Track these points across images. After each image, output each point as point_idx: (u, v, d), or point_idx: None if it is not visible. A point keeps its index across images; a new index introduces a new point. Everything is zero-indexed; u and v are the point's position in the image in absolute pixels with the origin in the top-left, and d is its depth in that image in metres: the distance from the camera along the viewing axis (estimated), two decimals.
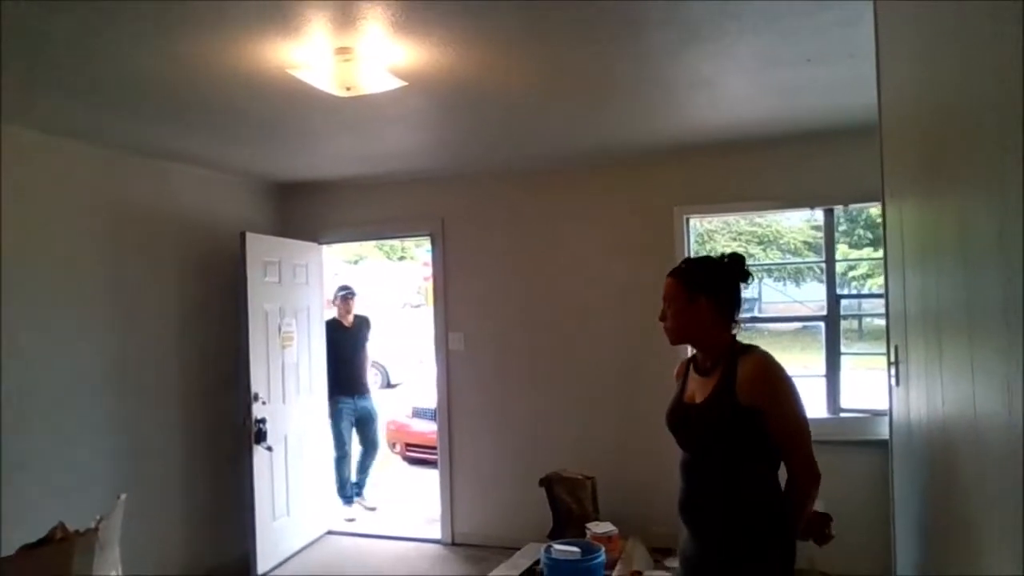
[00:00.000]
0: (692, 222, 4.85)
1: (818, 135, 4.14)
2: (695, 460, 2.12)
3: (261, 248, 4.77)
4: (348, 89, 2.73)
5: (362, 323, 6.19)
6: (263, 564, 4.64)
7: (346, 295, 6.10)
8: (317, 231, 5.47)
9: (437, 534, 5.24)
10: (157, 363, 4.38)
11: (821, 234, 4.66)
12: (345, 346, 5.88)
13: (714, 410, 2.02)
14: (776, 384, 2.01)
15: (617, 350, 4.64)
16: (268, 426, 4.64)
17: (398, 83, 2.81)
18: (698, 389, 2.13)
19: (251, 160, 4.61)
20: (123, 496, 3.25)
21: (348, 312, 6.09)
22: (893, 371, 2.28)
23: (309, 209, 5.51)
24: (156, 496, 4.33)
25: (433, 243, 5.26)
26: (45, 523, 3.04)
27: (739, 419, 1.97)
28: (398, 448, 8.04)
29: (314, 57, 2.68)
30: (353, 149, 4.35)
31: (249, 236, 4.64)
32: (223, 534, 4.77)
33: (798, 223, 12.76)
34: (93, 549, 2.89)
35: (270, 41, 2.55)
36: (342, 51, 2.64)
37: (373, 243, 16.41)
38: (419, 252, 16.29)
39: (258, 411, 4.61)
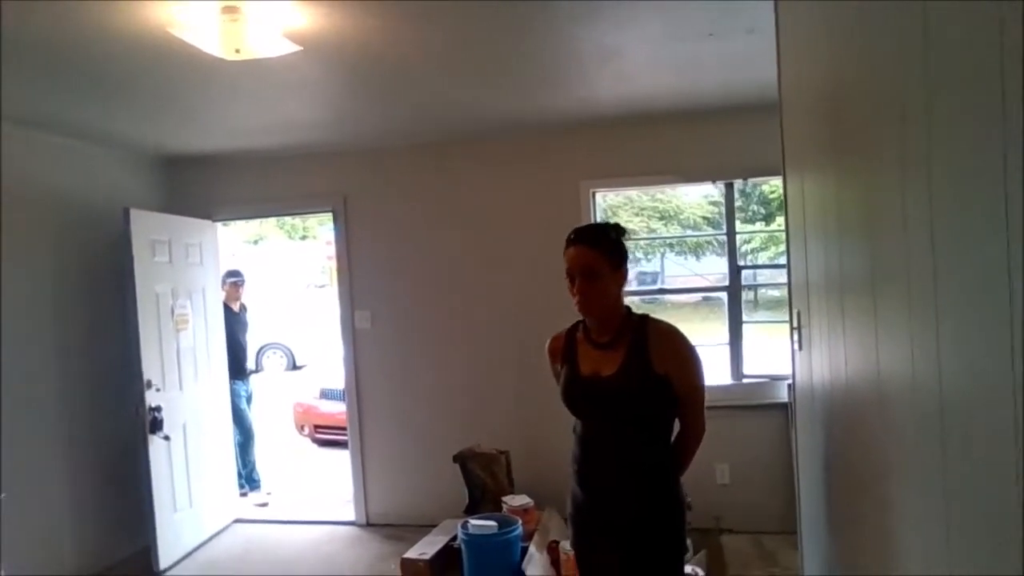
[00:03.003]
0: (598, 197, 4.89)
1: (720, 110, 4.24)
2: (603, 430, 2.13)
3: (148, 226, 4.49)
4: (237, 52, 2.53)
5: (244, 309, 6.05)
6: (166, 558, 4.43)
7: (235, 281, 5.90)
8: (211, 208, 5.19)
9: (351, 516, 5.15)
10: (35, 353, 4.06)
11: (719, 209, 4.81)
12: (235, 330, 5.69)
13: (631, 380, 2.05)
14: (686, 352, 2.13)
15: (523, 324, 4.62)
16: (164, 414, 4.40)
17: (292, 47, 2.66)
18: (600, 361, 2.11)
19: (134, 131, 4.30)
20: (2, 495, 3.03)
21: (237, 298, 5.90)
22: (796, 336, 2.37)
23: (201, 185, 5.21)
24: (41, 494, 4.04)
25: (336, 220, 5.10)
26: None
27: (653, 385, 2.05)
28: (306, 431, 7.85)
29: (198, 16, 2.48)
30: (246, 119, 4.13)
31: (134, 212, 4.35)
32: (121, 529, 4.51)
33: (697, 198, 13.18)
34: None
35: None
36: (229, 10, 2.46)
37: (274, 222, 15.91)
38: (322, 231, 15.85)
39: (152, 399, 4.36)
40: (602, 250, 2.09)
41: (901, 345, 1.27)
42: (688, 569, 3.46)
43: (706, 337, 5.66)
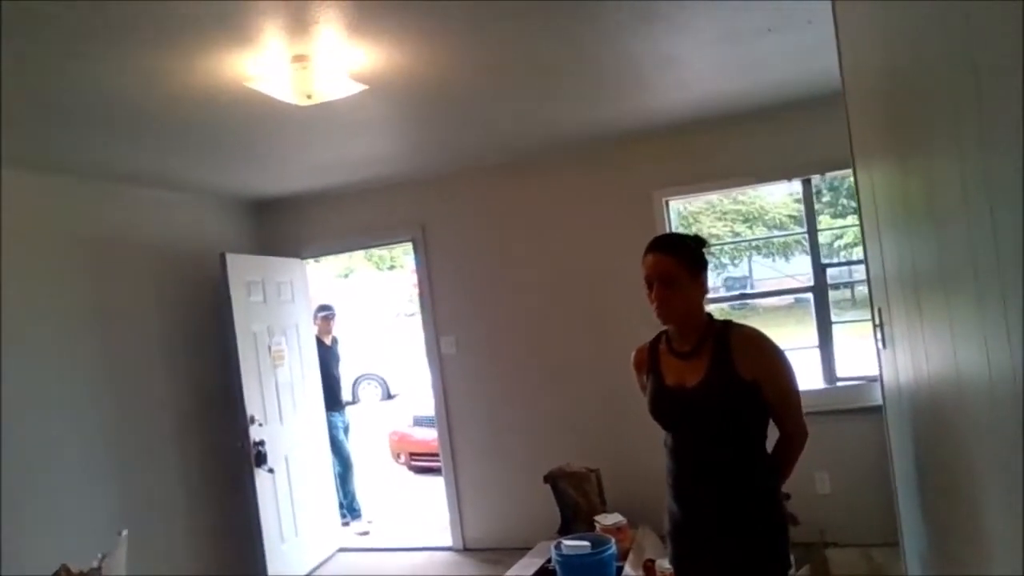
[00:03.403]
0: (673, 204, 4.84)
1: (789, 105, 4.13)
2: (693, 442, 2.10)
3: (243, 268, 4.74)
4: (308, 97, 2.70)
5: (336, 342, 6.25)
6: None
7: (327, 315, 6.12)
8: (298, 246, 5.45)
9: (448, 541, 5.22)
10: (147, 394, 4.34)
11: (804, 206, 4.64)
12: (329, 363, 5.89)
13: (717, 388, 2.02)
14: (773, 355, 2.08)
15: (605, 339, 4.61)
16: (267, 447, 4.61)
17: (358, 87, 2.79)
18: (685, 372, 2.09)
19: (223, 178, 4.57)
20: (124, 532, 3.24)
21: (328, 331, 6.11)
22: (879, 334, 2.28)
23: (288, 225, 5.47)
24: (159, 528, 4.30)
25: (415, 248, 5.24)
26: (48, 566, 3.03)
27: (741, 393, 2.01)
28: (402, 459, 8.02)
29: (271, 67, 2.65)
30: (323, 159, 4.32)
31: (230, 257, 4.60)
32: (232, 559, 4.74)
33: (781, 198, 12.79)
34: None
35: (225, 53, 2.52)
36: (299, 59, 2.61)
37: (362, 255, 16.41)
38: (408, 260, 16.24)
39: (256, 433, 4.57)
40: (679, 257, 2.08)
41: (975, 339, 1.22)
42: None
43: (800, 340, 5.47)
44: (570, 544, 3.85)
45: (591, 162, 4.78)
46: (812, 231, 4.54)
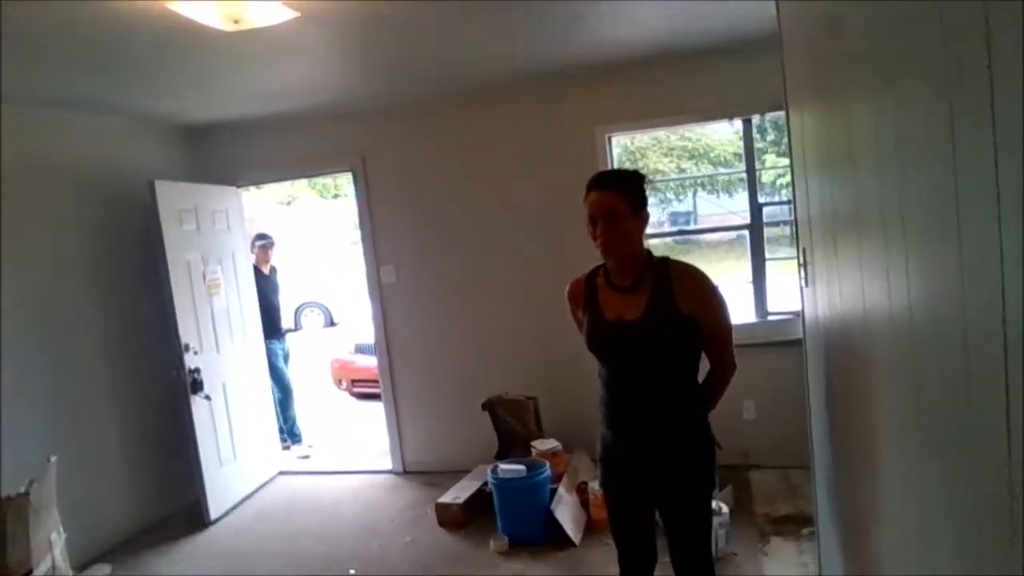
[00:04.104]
0: (619, 140, 4.82)
1: (732, 45, 4.12)
2: (630, 373, 2.16)
3: (174, 196, 4.59)
4: (236, 23, 2.56)
5: (274, 271, 6.17)
6: (215, 509, 4.65)
7: (264, 243, 6.02)
8: (233, 174, 5.28)
9: (388, 465, 5.32)
10: (78, 323, 4.24)
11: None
12: (267, 291, 5.82)
13: (658, 322, 2.07)
14: (710, 291, 2.14)
15: (546, 272, 4.64)
16: (203, 375, 4.57)
17: (290, 14, 2.66)
18: (624, 306, 2.13)
19: (150, 103, 4.37)
20: (53, 458, 3.21)
21: (267, 260, 6.02)
22: (803, 272, 2.37)
23: (223, 151, 5.29)
24: (95, 454, 4.28)
25: (355, 178, 5.15)
26: None
27: (680, 326, 2.07)
28: (344, 385, 8.06)
29: None
30: (257, 86, 4.16)
31: (159, 184, 4.44)
32: (172, 484, 4.76)
33: (727, 135, 12.88)
34: (27, 513, 2.87)
35: None
36: None
37: (305, 183, 16.02)
38: (352, 189, 15.91)
39: (191, 361, 4.53)
40: (623, 193, 2.09)
41: (879, 278, 1.28)
42: (713, 505, 3.52)
43: (738, 276, 5.60)
44: (506, 468, 3.99)
45: (534, 97, 4.72)
46: (751, 170, 4.62)
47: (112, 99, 4.13)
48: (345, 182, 17.17)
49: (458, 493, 4.34)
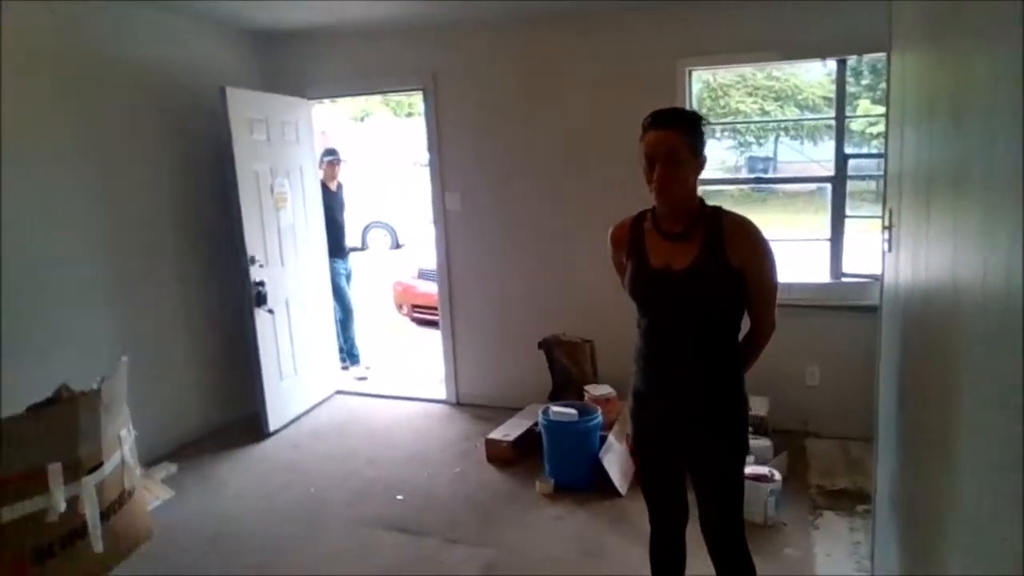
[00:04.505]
0: (701, 75, 4.57)
1: None
2: (672, 324, 2.08)
3: (245, 104, 4.58)
4: None
5: (341, 188, 6.14)
6: (274, 422, 4.82)
7: (332, 159, 5.99)
8: (304, 85, 5.24)
9: (443, 394, 5.39)
10: (148, 227, 4.34)
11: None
12: (333, 209, 5.83)
13: (706, 273, 1.99)
14: (762, 246, 2.03)
15: (612, 213, 4.43)
16: (267, 288, 4.66)
17: None
18: (672, 254, 2.04)
19: (222, 2, 4.28)
20: (124, 358, 3.33)
21: (334, 177, 6.00)
22: (886, 235, 2.20)
23: (294, 61, 5.24)
24: (164, 359, 4.45)
25: (425, 98, 5.04)
26: (48, 386, 3.15)
27: (728, 280, 1.99)
28: (404, 310, 8.13)
29: None
30: None
31: (230, 91, 4.43)
32: (234, 393, 4.94)
33: (818, 77, 12.15)
34: (98, 408, 2.99)
35: None
36: None
37: (379, 99, 15.97)
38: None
39: (256, 274, 4.61)
40: (685, 134, 1.97)
41: (975, 249, 1.15)
42: (765, 470, 3.44)
43: (816, 231, 5.34)
44: (558, 410, 3.97)
45: (613, 23, 4.48)
46: (840, 117, 4.32)
47: None
48: (418, 100, 17.00)
49: (508, 430, 4.37)
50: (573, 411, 3.93)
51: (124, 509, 3.14)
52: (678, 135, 1.96)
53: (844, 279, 4.40)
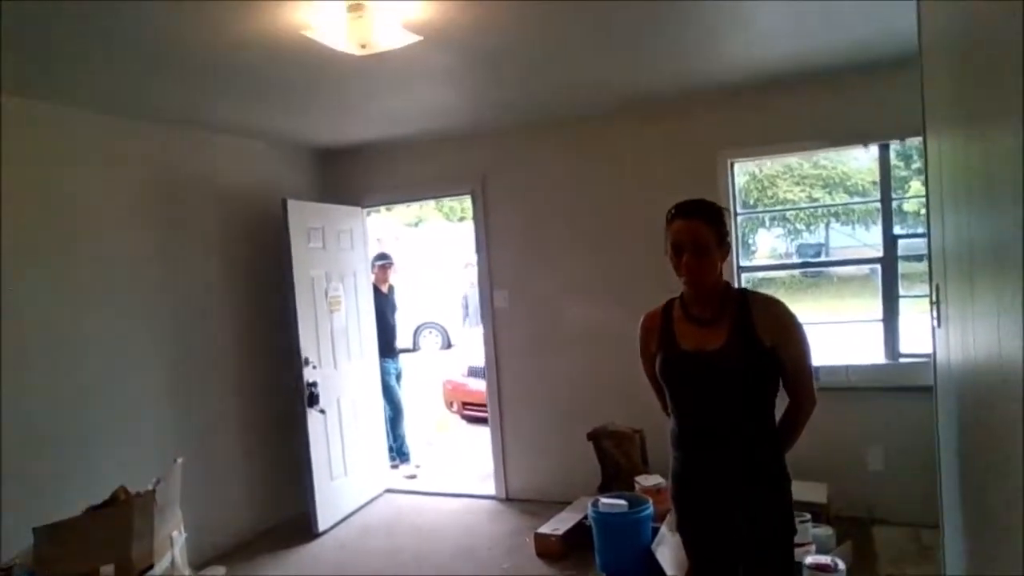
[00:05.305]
0: (745, 167, 4.63)
1: (867, 66, 3.89)
2: (707, 407, 2.10)
3: (304, 214, 4.82)
4: (363, 47, 2.70)
5: (392, 290, 6.33)
6: (324, 522, 4.80)
7: (384, 264, 6.21)
8: (359, 195, 5.51)
9: (492, 490, 5.31)
10: (207, 333, 4.51)
11: (893, 173, 4.40)
12: (385, 311, 5.99)
13: (739, 352, 2.02)
14: (791, 323, 2.10)
15: (655, 300, 4.47)
16: (320, 389, 4.75)
17: (413, 38, 2.76)
18: (704, 337, 2.08)
19: (286, 126, 4.63)
20: (179, 460, 3.39)
21: (386, 280, 6.20)
22: (935, 311, 2.16)
23: (350, 174, 5.53)
24: (216, 460, 4.52)
25: (474, 200, 5.22)
26: (107, 487, 3.23)
27: (761, 358, 2.03)
28: (455, 407, 8.14)
29: (328, 16, 2.66)
30: (383, 110, 4.32)
31: (291, 203, 4.69)
32: (284, 494, 4.95)
33: (866, 163, 12.12)
34: (152, 509, 3.02)
35: (283, 1, 2.54)
36: (355, 8, 2.61)
37: (433, 205, 16.52)
38: None
39: (309, 375, 4.71)
40: (710, 223, 2.06)
41: (1017, 328, 1.12)
42: (827, 559, 3.26)
43: (870, 313, 5.21)
44: (608, 502, 3.88)
45: (653, 121, 4.63)
46: (886, 199, 4.31)
47: (251, 121, 4.41)
48: (470, 204, 17.59)
49: (558, 524, 4.26)
50: (623, 502, 3.84)
51: None
52: (704, 224, 2.06)
53: (901, 359, 4.27)
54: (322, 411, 4.78)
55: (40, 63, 3.03)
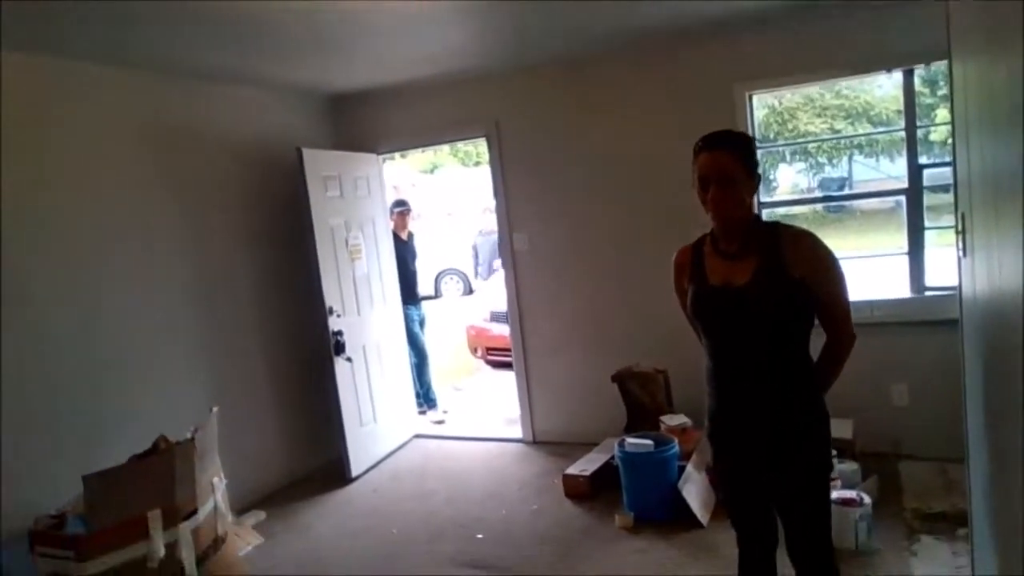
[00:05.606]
0: (764, 99, 4.53)
1: None
2: (737, 343, 2.06)
3: (319, 163, 4.82)
4: None
5: (412, 237, 6.35)
6: (356, 467, 4.93)
7: (402, 210, 6.21)
8: (374, 142, 5.48)
9: (519, 434, 5.41)
10: (232, 285, 4.57)
11: (918, 100, 4.28)
12: (405, 257, 6.01)
13: (767, 286, 1.98)
14: (823, 255, 2.02)
15: (680, 239, 4.46)
16: (345, 338, 4.82)
17: None
18: (731, 271, 2.04)
19: (297, 73, 4.56)
20: (215, 409, 3.50)
21: (404, 226, 6.21)
22: (960, 241, 2.13)
23: (364, 121, 5.49)
24: (250, 411, 4.63)
25: (489, 144, 5.18)
26: (147, 437, 3.34)
27: (790, 292, 1.97)
28: (479, 352, 8.22)
29: None
30: (394, 53, 4.22)
31: (306, 152, 4.67)
32: (317, 441, 5.08)
33: (890, 90, 11.78)
34: (192, 456, 3.13)
35: None
36: None
37: (447, 150, 16.40)
38: None
39: (334, 324, 4.78)
40: (738, 155, 1.99)
41: None
42: (853, 494, 3.30)
43: (896, 247, 5.17)
44: (634, 442, 3.93)
45: (668, 54, 4.53)
46: (911, 128, 4.21)
47: (261, 70, 4.35)
48: (485, 149, 17.40)
49: (585, 465, 4.34)
50: (649, 442, 3.89)
51: (218, 555, 3.26)
52: (731, 155, 1.98)
53: (927, 292, 4.23)
54: (349, 359, 4.86)
55: (43, 18, 3.01)
